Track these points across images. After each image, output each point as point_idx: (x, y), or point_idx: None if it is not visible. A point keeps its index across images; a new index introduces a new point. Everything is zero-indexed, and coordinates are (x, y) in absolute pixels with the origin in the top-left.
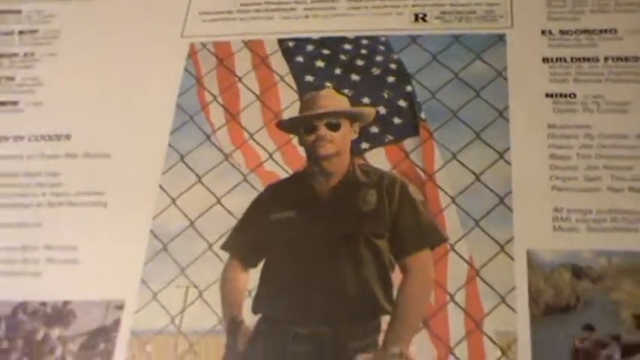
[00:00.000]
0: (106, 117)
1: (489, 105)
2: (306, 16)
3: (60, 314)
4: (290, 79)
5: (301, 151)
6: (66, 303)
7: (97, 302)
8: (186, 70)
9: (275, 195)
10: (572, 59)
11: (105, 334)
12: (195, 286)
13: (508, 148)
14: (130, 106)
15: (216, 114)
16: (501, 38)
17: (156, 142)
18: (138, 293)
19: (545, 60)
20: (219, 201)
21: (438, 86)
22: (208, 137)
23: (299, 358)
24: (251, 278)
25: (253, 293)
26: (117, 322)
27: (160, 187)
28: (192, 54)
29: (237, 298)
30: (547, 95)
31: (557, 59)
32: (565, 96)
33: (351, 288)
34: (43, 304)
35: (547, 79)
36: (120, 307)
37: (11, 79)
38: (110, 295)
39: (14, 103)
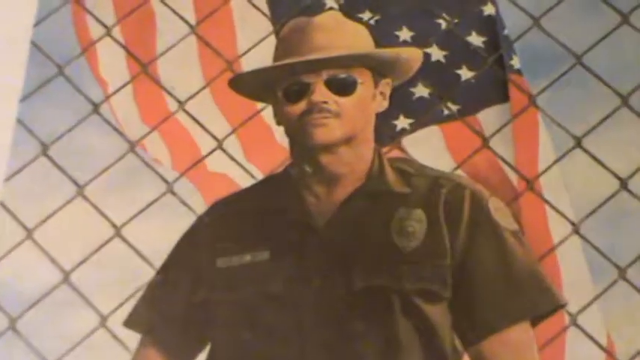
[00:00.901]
0: None
1: None
2: None
3: None
4: None
5: (280, 133)
6: None
7: None
8: None
9: (229, 221)
10: None
11: None
12: None
13: None
14: None
15: (112, 61)
16: None
17: None
18: None
19: None
20: (118, 232)
21: (546, 4)
22: (96, 108)
23: None
24: None
25: None
26: None
27: (2, 206)
28: None
29: None
30: None
31: None
32: None
33: None
34: None
35: None
36: None
37: None
38: None
39: None
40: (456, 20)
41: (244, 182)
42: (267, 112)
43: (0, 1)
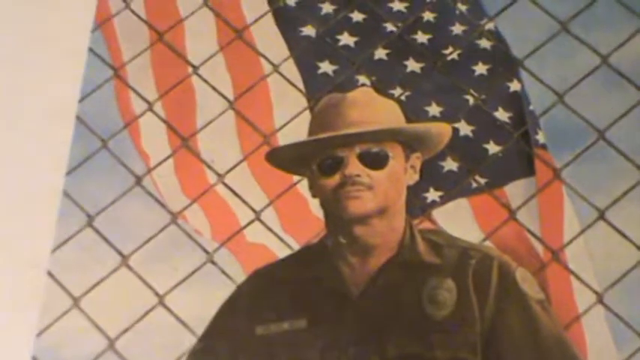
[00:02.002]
0: None
1: None
2: None
3: None
4: (291, 67)
5: (315, 205)
6: None
7: None
8: (92, 51)
9: (267, 290)
10: None
11: None
12: None
13: None
14: None
15: (153, 135)
16: None
17: (41, 189)
18: None
19: None
20: (161, 301)
21: (569, 82)
22: (138, 181)
23: None
24: None
25: None
26: None
27: (50, 275)
28: (103, 21)
29: None
30: None
31: None
32: None
33: None
34: None
35: None
36: None
37: None
38: None
39: None
40: (484, 96)
41: (282, 252)
42: (303, 185)
43: (46, 77)
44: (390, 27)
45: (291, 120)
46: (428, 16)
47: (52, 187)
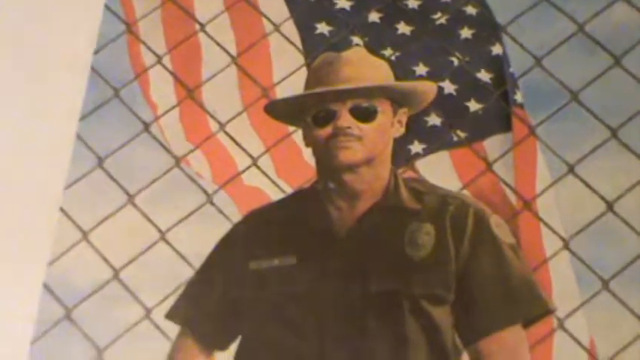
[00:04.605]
0: None
1: (637, 80)
2: None
3: None
4: (291, 27)
5: (308, 154)
6: None
7: None
8: (107, 8)
9: (260, 229)
10: None
11: None
12: None
13: None
14: (16, 69)
15: (161, 87)
16: None
17: (56, 133)
18: None
19: None
20: (163, 237)
21: (547, 47)
22: (146, 127)
23: None
24: None
25: None
26: None
27: (62, 210)
28: None
29: None
30: None
31: None
32: None
33: None
34: None
35: None
36: None
37: None
38: None
39: None
40: (467, 59)
41: (275, 195)
42: (297, 135)
43: (64, 31)
44: None
45: (289, 75)
46: None
47: (66, 131)
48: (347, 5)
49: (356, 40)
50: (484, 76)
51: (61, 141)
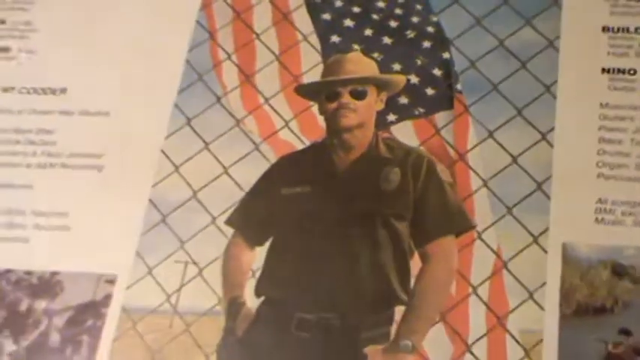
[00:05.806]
0: (107, 71)
1: (536, 79)
2: None
3: (46, 285)
4: (314, 38)
5: (321, 120)
6: (53, 274)
7: (86, 274)
8: (198, 23)
9: (288, 167)
10: (636, 30)
11: (94, 309)
12: (195, 263)
13: (552, 129)
14: (134, 60)
15: (229, 74)
16: (556, 2)
17: (161, 101)
18: (132, 267)
19: (605, 29)
20: (226, 171)
21: (479, 54)
22: (219, 100)
23: (302, 346)
24: (256, 257)
25: (257, 274)
26: (107, 298)
27: (163, 152)
28: (206, 5)
29: (240, 279)
30: (603, 70)
31: (619, 29)
32: (624, 72)
33: (365, 273)
34: (29, 273)
35: (605, 51)
36: (111, 281)
37: (1, 22)
38: (101, 268)
39: (5, 49)
40: (427, 60)
41: (299, 146)
42: (315, 108)
43: (171, 36)
44: (375, 16)
45: (311, 69)
46: (398, 11)
47: (166, 101)
48: (351, 24)
49: (355, 46)
50: (438, 72)
51: (163, 107)
